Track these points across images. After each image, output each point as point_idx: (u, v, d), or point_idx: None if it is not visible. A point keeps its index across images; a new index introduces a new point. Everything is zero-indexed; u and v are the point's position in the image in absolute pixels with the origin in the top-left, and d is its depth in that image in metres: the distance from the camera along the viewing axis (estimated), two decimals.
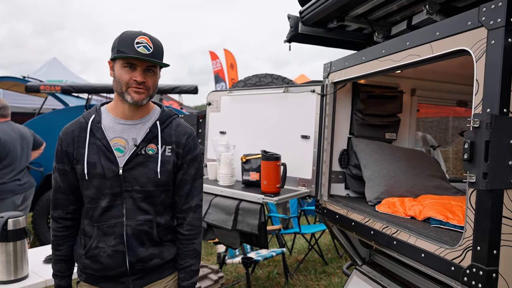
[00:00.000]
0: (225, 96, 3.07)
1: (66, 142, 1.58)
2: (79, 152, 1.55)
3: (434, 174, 2.50)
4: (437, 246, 1.55)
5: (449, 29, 1.53)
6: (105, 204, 1.55)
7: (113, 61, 1.54)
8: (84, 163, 1.54)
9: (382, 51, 1.94)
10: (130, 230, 1.57)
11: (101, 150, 1.55)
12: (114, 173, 1.55)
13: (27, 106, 8.87)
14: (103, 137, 1.56)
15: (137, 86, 1.50)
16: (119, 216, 1.56)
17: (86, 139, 1.55)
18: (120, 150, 1.56)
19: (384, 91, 2.66)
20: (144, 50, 1.48)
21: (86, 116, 1.61)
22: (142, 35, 1.50)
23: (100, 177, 1.54)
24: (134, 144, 1.57)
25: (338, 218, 2.32)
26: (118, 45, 1.49)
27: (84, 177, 1.55)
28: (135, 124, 1.60)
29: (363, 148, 2.53)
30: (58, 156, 1.60)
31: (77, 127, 1.59)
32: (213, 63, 11.93)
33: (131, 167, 1.56)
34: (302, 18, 2.46)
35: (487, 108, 1.33)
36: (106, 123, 1.59)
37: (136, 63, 1.49)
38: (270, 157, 2.42)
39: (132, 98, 1.51)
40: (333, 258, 5.07)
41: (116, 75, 1.53)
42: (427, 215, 1.92)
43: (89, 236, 1.59)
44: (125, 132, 1.58)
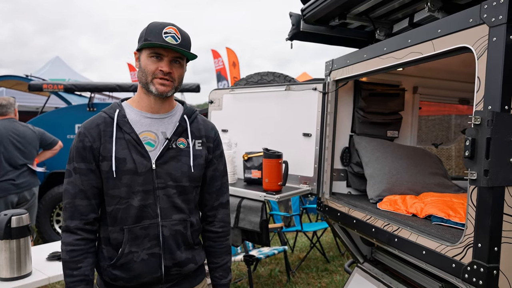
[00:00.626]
0: (227, 94, 3.08)
1: (91, 137, 1.44)
2: (106, 147, 1.43)
3: (436, 172, 2.50)
4: (438, 244, 1.56)
5: (451, 26, 1.53)
6: (137, 203, 1.44)
7: (139, 51, 1.48)
8: (112, 159, 1.42)
9: (383, 49, 1.93)
10: (167, 231, 1.47)
11: (131, 144, 1.45)
12: (147, 168, 1.45)
13: (30, 105, 8.90)
14: (131, 131, 1.46)
15: (162, 77, 1.44)
16: (153, 217, 1.46)
17: (113, 134, 1.44)
18: (151, 144, 1.48)
19: (386, 89, 2.66)
20: (172, 40, 1.42)
21: (108, 111, 1.50)
22: (170, 25, 1.45)
23: (131, 173, 1.43)
24: (164, 137, 1.50)
25: (340, 216, 2.33)
26: (145, 35, 1.44)
27: (111, 175, 1.43)
28: (163, 118, 1.53)
29: (365, 146, 2.54)
30: (79, 154, 1.44)
31: (102, 121, 1.47)
32: (215, 62, 11.93)
33: (164, 161, 1.48)
34: (304, 16, 2.46)
35: (488, 105, 1.33)
36: (132, 117, 1.50)
37: (163, 53, 1.44)
38: (272, 155, 2.43)
39: (157, 89, 1.45)
40: (335, 256, 5.07)
41: (142, 65, 1.47)
42: (428, 213, 1.92)
43: (117, 243, 1.46)
44: (153, 126, 1.51)
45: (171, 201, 1.48)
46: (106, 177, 1.44)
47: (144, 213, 1.45)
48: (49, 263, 2.53)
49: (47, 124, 4.95)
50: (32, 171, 4.03)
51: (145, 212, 1.45)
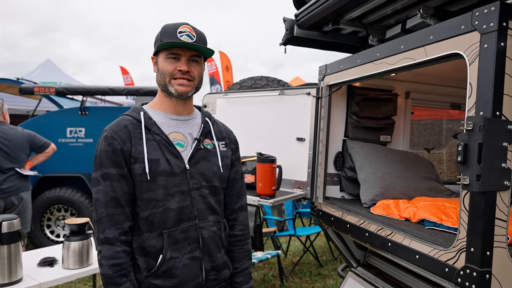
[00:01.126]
0: (221, 98, 3.08)
1: (121, 139, 1.39)
2: (137, 149, 1.39)
3: (428, 176, 2.52)
4: (431, 248, 1.57)
5: (443, 33, 1.55)
6: (175, 205, 1.41)
7: (156, 55, 1.48)
8: (145, 161, 1.38)
9: (377, 54, 1.95)
10: (205, 232, 1.46)
11: (162, 145, 1.42)
12: (181, 169, 1.43)
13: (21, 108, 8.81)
14: (161, 132, 1.44)
15: (181, 77, 1.43)
16: (191, 219, 1.43)
17: (142, 135, 1.41)
18: (181, 145, 1.47)
19: (379, 94, 2.68)
20: (187, 39, 1.41)
21: (132, 114, 1.47)
22: (184, 24, 1.44)
23: (167, 174, 1.40)
24: (193, 138, 1.50)
25: (333, 220, 2.33)
26: (160, 37, 1.44)
27: (145, 178, 1.38)
28: (187, 119, 1.53)
29: (358, 150, 2.55)
30: (109, 159, 1.38)
31: (129, 123, 1.43)
32: (209, 65, 11.92)
33: (196, 161, 1.47)
34: (298, 21, 2.47)
35: (480, 111, 1.35)
36: (157, 119, 1.47)
37: (180, 52, 1.43)
38: (266, 160, 2.43)
39: (177, 90, 1.44)
40: (328, 260, 5.08)
41: (159, 67, 1.46)
42: (421, 217, 1.93)
43: (155, 250, 1.40)
44: (180, 127, 1.50)
45: (206, 201, 1.48)
46: (139, 180, 1.39)
47: (183, 215, 1.42)
48: (40, 269, 2.49)
49: (39, 127, 4.90)
50: (21, 175, 3.93)
51: (183, 214, 1.42)
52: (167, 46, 1.41)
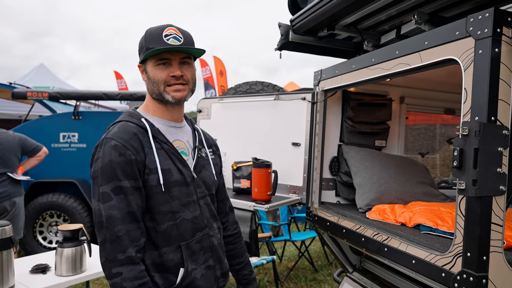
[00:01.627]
0: (216, 103, 3.07)
1: (133, 148, 1.29)
2: (150, 159, 1.31)
3: (423, 181, 2.53)
4: (428, 253, 1.57)
5: (438, 38, 1.56)
6: (190, 216, 1.38)
7: (144, 63, 1.39)
8: (158, 172, 1.31)
9: (372, 60, 1.96)
10: (215, 240, 1.46)
11: (172, 154, 1.37)
12: (190, 178, 1.40)
13: (13, 113, 8.74)
14: (166, 140, 1.38)
15: (176, 82, 1.36)
16: (203, 228, 1.42)
17: (151, 144, 1.33)
18: (184, 153, 1.43)
19: (374, 99, 2.70)
20: (175, 42, 1.34)
21: (133, 120, 1.37)
22: (168, 26, 1.36)
23: (180, 185, 1.36)
24: (192, 146, 1.48)
25: (329, 225, 2.33)
26: (146, 43, 1.36)
27: (159, 190, 1.31)
28: (182, 127, 1.49)
29: (353, 155, 2.55)
30: (123, 170, 1.27)
31: (137, 130, 1.34)
32: (203, 70, 11.93)
33: (199, 170, 1.45)
34: (293, 27, 2.48)
35: (475, 116, 1.36)
36: (158, 126, 1.41)
37: (169, 57, 1.35)
38: (261, 165, 2.42)
39: (174, 97, 1.37)
40: (323, 265, 5.07)
41: (150, 76, 1.38)
42: (417, 222, 1.93)
43: (174, 264, 1.34)
44: (179, 135, 1.46)
45: (210, 209, 1.48)
46: (154, 192, 1.31)
47: (196, 225, 1.40)
48: (33, 276, 2.46)
49: (31, 132, 4.86)
50: (13, 180, 3.88)
51: (196, 224, 1.40)
52: (157, 53, 1.33)
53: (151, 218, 1.34)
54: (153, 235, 1.33)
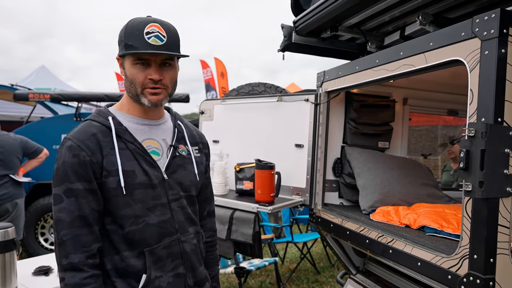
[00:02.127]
0: (218, 105, 3.07)
1: (89, 149, 1.22)
2: (109, 160, 1.24)
3: (426, 183, 2.52)
4: (434, 255, 1.56)
5: (443, 39, 1.56)
6: (156, 220, 1.29)
7: (122, 57, 1.31)
8: (119, 173, 1.23)
9: (376, 61, 1.95)
10: (188, 246, 1.36)
11: (138, 154, 1.29)
12: (159, 180, 1.31)
13: (14, 115, 8.74)
14: (134, 140, 1.30)
15: (153, 86, 1.28)
16: (172, 233, 1.33)
17: (114, 144, 1.25)
18: (156, 153, 1.35)
19: (377, 100, 2.69)
20: (156, 41, 1.24)
21: (99, 119, 1.30)
22: (152, 22, 1.26)
23: (144, 187, 1.28)
24: (168, 145, 1.39)
25: (333, 227, 2.32)
26: (125, 39, 1.26)
27: (119, 192, 1.24)
28: (159, 124, 1.40)
29: (357, 156, 2.55)
30: (75, 172, 1.21)
31: (97, 130, 1.27)
32: (204, 72, 11.93)
33: (173, 170, 1.36)
34: (296, 28, 2.47)
35: (481, 118, 1.35)
36: (128, 125, 1.33)
37: (149, 58, 1.26)
38: (264, 166, 2.41)
39: (150, 101, 1.29)
40: (325, 267, 5.06)
41: (127, 74, 1.29)
42: (421, 224, 1.92)
43: (136, 271, 1.26)
44: (153, 133, 1.37)
45: (186, 212, 1.39)
46: (114, 195, 1.24)
47: (164, 230, 1.31)
48: (35, 278, 2.45)
49: (33, 134, 4.86)
50: (15, 181, 3.90)
51: (164, 228, 1.31)
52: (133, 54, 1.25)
53: (113, 221, 1.27)
54: (115, 239, 1.27)
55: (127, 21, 1.30)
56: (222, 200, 2.55)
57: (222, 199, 2.56)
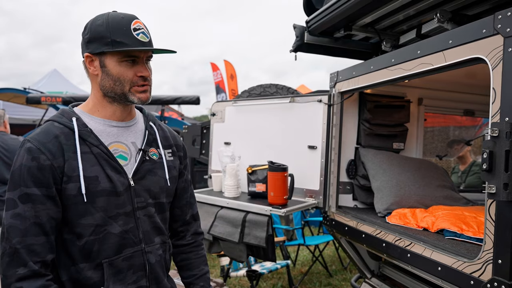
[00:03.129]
0: (230, 106, 3.04)
1: (50, 153, 1.13)
2: (70, 165, 1.15)
3: (443, 185, 2.46)
4: (455, 259, 1.51)
5: (463, 37, 1.51)
6: (118, 230, 1.20)
7: (100, 55, 1.20)
8: (80, 180, 1.15)
9: (391, 60, 1.91)
10: (152, 257, 1.28)
11: (102, 159, 1.20)
12: (125, 186, 1.22)
13: (27, 118, 8.84)
14: (99, 143, 1.20)
15: (143, 83, 1.23)
16: (135, 243, 1.24)
17: (76, 148, 1.16)
18: (123, 158, 1.26)
19: (391, 101, 2.64)
20: (144, 38, 1.20)
21: (61, 120, 1.21)
22: (135, 18, 1.22)
23: (107, 194, 1.19)
24: (138, 148, 1.30)
25: (347, 230, 2.27)
26: (110, 34, 1.18)
27: (80, 200, 1.15)
28: (129, 125, 1.31)
29: (371, 158, 2.50)
30: (32, 176, 1.11)
31: (59, 132, 1.17)
32: (214, 74, 11.95)
33: (141, 176, 1.27)
34: (309, 28, 2.44)
35: (505, 117, 1.30)
36: (94, 127, 1.24)
37: (139, 55, 1.21)
38: (277, 168, 2.38)
39: (140, 98, 1.23)
40: (338, 270, 4.99)
41: (112, 73, 1.21)
42: (440, 227, 1.87)
43: (92, 283, 1.18)
44: (122, 136, 1.28)
45: (152, 221, 1.29)
46: (73, 202, 1.15)
47: (126, 241, 1.21)
48: None
49: None
50: None
51: (127, 239, 1.22)
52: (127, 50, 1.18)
53: (70, 230, 1.18)
54: (71, 249, 1.18)
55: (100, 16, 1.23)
56: (234, 203, 2.53)
57: (234, 202, 2.53)
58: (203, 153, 3.33)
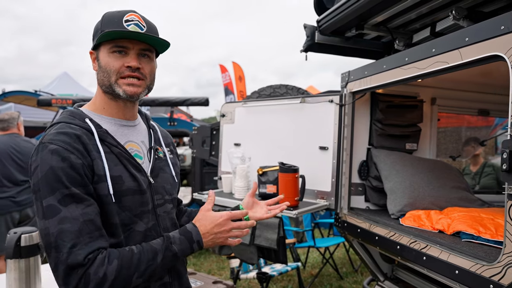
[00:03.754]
0: (240, 107, 3.03)
1: (77, 151, 1.10)
2: (98, 164, 1.13)
3: (458, 186, 2.41)
4: (473, 263, 1.46)
5: (480, 34, 1.47)
6: (143, 228, 1.20)
7: (97, 49, 1.21)
8: (107, 179, 1.13)
9: (405, 59, 1.88)
10: None
11: (124, 159, 1.20)
12: (146, 184, 1.23)
13: (38, 120, 8.93)
14: (117, 143, 1.20)
15: (130, 74, 1.18)
16: None
17: (98, 148, 1.15)
18: (139, 157, 1.27)
19: (404, 101, 2.60)
20: (135, 29, 1.17)
21: (75, 121, 1.18)
22: (131, 12, 1.20)
23: (132, 193, 1.18)
24: (147, 147, 1.32)
25: (360, 232, 2.24)
26: (102, 27, 1.18)
27: (109, 200, 1.14)
28: (135, 125, 1.33)
29: (384, 159, 2.46)
30: (67, 177, 1.07)
31: (80, 133, 1.15)
32: (223, 76, 11.96)
33: (156, 174, 1.29)
34: (320, 27, 2.41)
35: None
36: (107, 127, 1.23)
37: (127, 45, 1.18)
38: (288, 169, 2.35)
39: (125, 91, 1.19)
40: (348, 273, 4.94)
41: (102, 64, 1.19)
42: (456, 229, 1.83)
43: None
44: (133, 135, 1.29)
45: (170, 217, 1.32)
46: (104, 203, 1.13)
47: (149, 238, 1.21)
48: None
49: None
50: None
51: (150, 236, 1.22)
52: (112, 37, 1.15)
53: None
54: None
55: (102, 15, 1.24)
56: None
57: None
58: (213, 154, 3.31)
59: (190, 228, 1.22)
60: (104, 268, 1.04)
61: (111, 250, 1.10)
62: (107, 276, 1.04)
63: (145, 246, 1.14)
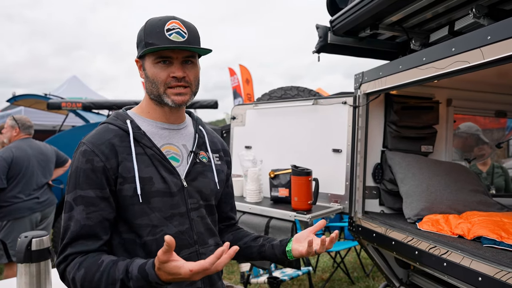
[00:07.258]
0: (251, 109, 2.99)
1: (103, 155, 1.16)
2: (125, 166, 1.17)
3: (476, 189, 2.35)
4: (498, 269, 1.41)
5: (503, 32, 1.42)
6: (173, 231, 1.20)
7: (142, 58, 1.25)
8: (136, 180, 1.17)
9: (422, 59, 1.83)
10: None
11: (156, 160, 1.21)
12: (178, 187, 1.23)
13: (47, 123, 8.97)
14: (152, 145, 1.23)
15: (177, 84, 1.21)
16: (191, 244, 1.24)
17: (131, 149, 1.19)
18: (175, 159, 1.27)
19: (419, 102, 2.54)
20: (178, 37, 1.18)
21: (116, 122, 1.24)
22: (172, 19, 1.20)
23: (162, 195, 1.20)
24: (189, 151, 1.31)
25: (375, 236, 2.18)
26: (145, 37, 1.21)
27: (136, 200, 1.17)
28: (180, 128, 1.33)
29: (399, 161, 2.40)
30: (87, 178, 1.15)
31: (113, 134, 1.20)
32: (231, 79, 11.95)
33: (193, 178, 1.28)
34: (333, 28, 2.37)
35: None
36: (147, 129, 1.26)
37: (170, 55, 1.20)
38: (301, 172, 2.31)
39: (174, 101, 1.22)
40: (360, 277, 4.86)
41: (148, 74, 1.23)
42: (477, 234, 1.77)
43: None
44: (173, 138, 1.30)
45: (205, 223, 1.30)
46: (130, 203, 1.17)
47: (182, 242, 1.21)
48: None
49: (66, 142, 4.93)
50: (50, 187, 4.03)
51: (182, 240, 1.22)
52: (156, 50, 1.19)
53: (130, 230, 1.20)
54: (131, 248, 1.20)
55: (145, 22, 1.25)
56: (257, 208, 2.46)
57: (257, 207, 2.47)
58: None
59: (148, 269, 1.06)
60: (73, 272, 1.12)
61: (86, 258, 1.13)
62: (75, 280, 1.12)
63: (111, 268, 1.09)
